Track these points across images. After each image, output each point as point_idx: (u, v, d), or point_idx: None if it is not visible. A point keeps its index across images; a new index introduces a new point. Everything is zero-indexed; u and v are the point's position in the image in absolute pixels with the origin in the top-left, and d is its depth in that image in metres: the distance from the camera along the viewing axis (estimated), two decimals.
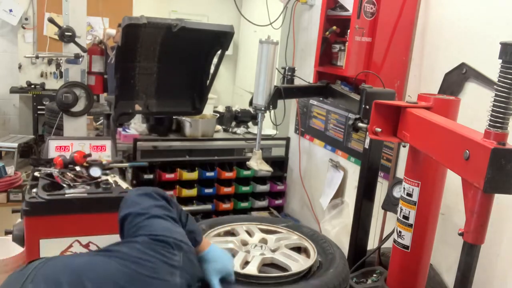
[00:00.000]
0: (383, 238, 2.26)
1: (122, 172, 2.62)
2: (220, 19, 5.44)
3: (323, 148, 3.25)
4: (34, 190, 2.26)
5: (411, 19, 2.36)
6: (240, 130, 3.85)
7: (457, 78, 2.12)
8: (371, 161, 2.21)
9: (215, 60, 3.15)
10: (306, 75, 3.00)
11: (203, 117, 3.59)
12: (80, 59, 2.84)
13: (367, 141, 2.20)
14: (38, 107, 5.41)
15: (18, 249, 2.67)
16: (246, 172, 3.46)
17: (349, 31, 2.34)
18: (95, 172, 2.35)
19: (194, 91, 3.26)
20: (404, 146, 1.77)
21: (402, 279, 1.80)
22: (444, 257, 2.16)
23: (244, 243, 1.81)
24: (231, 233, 1.92)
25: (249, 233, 1.90)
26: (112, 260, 1.15)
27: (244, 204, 3.50)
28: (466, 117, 1.79)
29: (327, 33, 2.53)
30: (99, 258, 1.18)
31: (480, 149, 1.18)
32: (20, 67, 5.57)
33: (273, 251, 1.76)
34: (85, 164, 2.50)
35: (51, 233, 2.10)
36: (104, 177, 2.33)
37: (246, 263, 1.66)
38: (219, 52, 3.06)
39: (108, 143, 2.72)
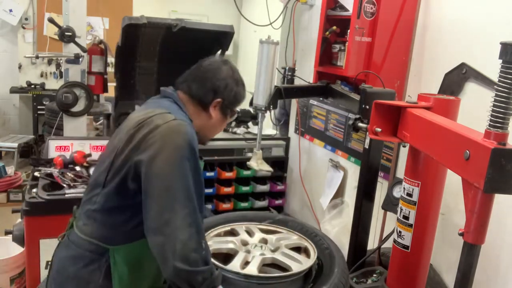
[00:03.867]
0: (383, 238, 2.26)
1: None
2: (220, 19, 5.43)
3: (323, 148, 3.25)
4: (34, 190, 2.26)
5: (411, 19, 2.36)
6: (240, 130, 3.85)
7: (457, 78, 2.12)
8: (371, 161, 2.21)
9: None
10: (306, 75, 3.00)
11: None
12: (80, 59, 2.84)
13: (367, 141, 2.20)
14: (38, 107, 5.42)
15: (18, 249, 2.68)
16: (246, 172, 3.46)
17: (349, 31, 2.34)
18: None
19: None
20: (404, 146, 1.77)
21: (402, 279, 1.80)
22: (444, 257, 2.16)
23: (244, 243, 1.82)
24: (231, 233, 1.92)
25: (249, 233, 1.90)
26: None
27: (244, 204, 3.50)
28: (466, 117, 1.79)
29: (327, 33, 2.53)
30: None
31: (480, 149, 1.18)
32: (20, 67, 5.57)
33: (273, 251, 1.76)
34: (85, 164, 2.50)
35: (51, 233, 2.09)
36: None
37: (246, 263, 1.66)
38: (219, 52, 3.06)
39: None
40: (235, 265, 1.62)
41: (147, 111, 1.44)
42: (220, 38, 2.95)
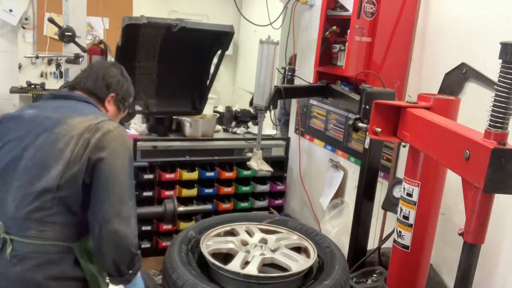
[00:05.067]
0: (383, 238, 2.26)
1: None
2: (220, 19, 5.43)
3: (323, 148, 3.25)
4: None
5: (411, 19, 2.36)
6: (240, 130, 3.85)
7: (457, 78, 2.12)
8: (371, 161, 2.21)
9: (215, 60, 3.14)
10: (306, 75, 3.00)
11: (203, 117, 3.59)
12: (80, 59, 2.84)
13: (367, 141, 2.21)
14: None
15: None
16: (246, 172, 3.46)
17: (349, 31, 2.34)
18: None
19: (194, 91, 3.25)
20: (404, 146, 1.78)
21: (402, 279, 1.80)
22: (444, 257, 2.16)
23: (244, 243, 1.82)
24: (231, 233, 1.92)
25: (249, 233, 1.90)
26: None
27: (244, 204, 3.50)
28: (466, 117, 1.79)
29: (327, 33, 2.53)
30: None
31: (480, 149, 1.18)
32: (20, 67, 5.56)
33: (273, 251, 1.76)
34: None
35: None
36: None
37: (246, 263, 1.66)
38: (219, 52, 3.06)
39: None
40: (235, 265, 1.62)
41: (90, 117, 1.56)
42: (220, 38, 2.95)
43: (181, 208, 2.35)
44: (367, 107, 2.00)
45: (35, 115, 1.59)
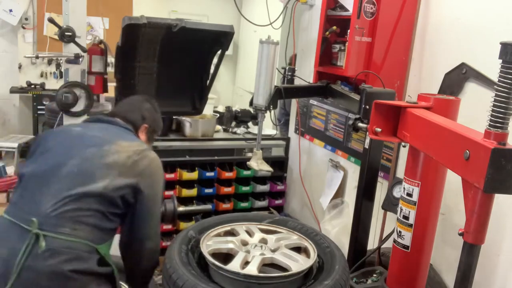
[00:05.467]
0: (383, 238, 2.26)
1: None
2: (220, 19, 5.43)
3: (323, 148, 3.25)
4: None
5: (411, 19, 2.36)
6: (240, 130, 3.85)
7: (457, 78, 2.12)
8: (371, 161, 2.21)
9: (215, 60, 3.14)
10: (306, 75, 3.00)
11: (203, 117, 3.59)
12: (80, 59, 2.83)
13: (367, 141, 2.21)
14: (38, 107, 5.40)
15: None
16: (246, 172, 3.46)
17: (349, 31, 2.34)
18: None
19: (194, 91, 3.25)
20: (404, 146, 1.78)
21: (402, 279, 1.80)
22: (444, 257, 2.16)
23: (244, 243, 1.82)
24: (231, 233, 1.92)
25: (249, 233, 1.90)
26: None
27: (244, 204, 3.50)
28: (466, 117, 1.79)
29: (327, 33, 2.53)
30: None
31: (480, 149, 1.18)
32: (20, 67, 5.56)
33: (273, 251, 1.76)
34: None
35: None
36: None
37: (246, 263, 1.66)
38: (219, 52, 3.06)
39: None
40: (235, 265, 1.62)
41: (135, 143, 1.78)
42: (220, 38, 2.95)
43: (181, 208, 2.35)
44: (367, 107, 2.00)
45: (83, 132, 1.78)
